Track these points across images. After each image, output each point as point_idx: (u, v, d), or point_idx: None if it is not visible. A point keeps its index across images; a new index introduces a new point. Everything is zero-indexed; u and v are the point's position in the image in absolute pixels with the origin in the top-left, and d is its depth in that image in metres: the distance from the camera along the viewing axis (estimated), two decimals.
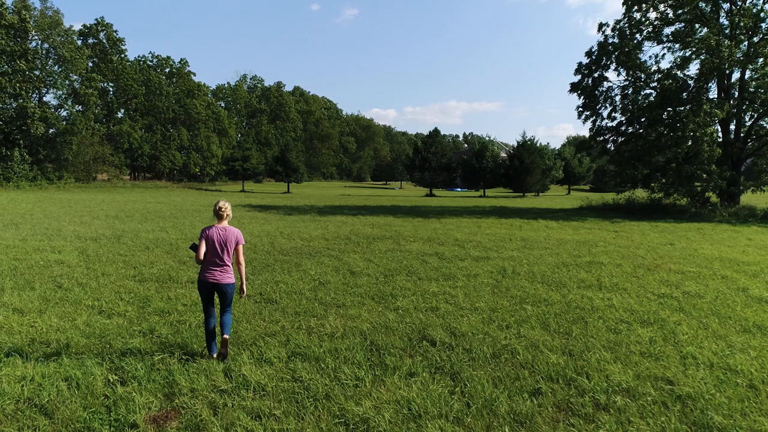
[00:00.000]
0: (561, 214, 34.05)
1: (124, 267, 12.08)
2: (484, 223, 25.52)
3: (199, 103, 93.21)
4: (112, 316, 7.96)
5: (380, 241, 17.98)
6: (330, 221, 24.86)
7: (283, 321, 7.91)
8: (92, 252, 14.05)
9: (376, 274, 11.97)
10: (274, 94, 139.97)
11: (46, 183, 61.15)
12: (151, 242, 16.21)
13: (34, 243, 15.32)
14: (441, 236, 19.73)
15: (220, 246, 6.20)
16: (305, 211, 31.48)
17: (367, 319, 8.13)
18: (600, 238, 20.20)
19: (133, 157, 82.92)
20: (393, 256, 14.60)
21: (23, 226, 19.46)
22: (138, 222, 22.20)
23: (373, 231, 21.07)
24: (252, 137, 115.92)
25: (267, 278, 11.19)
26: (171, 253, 14.31)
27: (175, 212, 27.76)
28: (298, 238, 18.35)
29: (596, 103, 35.96)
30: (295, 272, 11.98)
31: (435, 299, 9.55)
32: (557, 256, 15.47)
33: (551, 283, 11.29)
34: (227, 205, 6.39)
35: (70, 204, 33.04)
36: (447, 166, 76.29)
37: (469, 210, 37.55)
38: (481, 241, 18.50)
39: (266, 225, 22.45)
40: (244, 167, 76.34)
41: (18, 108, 60.65)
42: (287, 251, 15.23)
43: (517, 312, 8.74)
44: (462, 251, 15.86)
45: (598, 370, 6.15)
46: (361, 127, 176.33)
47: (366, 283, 10.84)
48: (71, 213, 25.95)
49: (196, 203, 38.49)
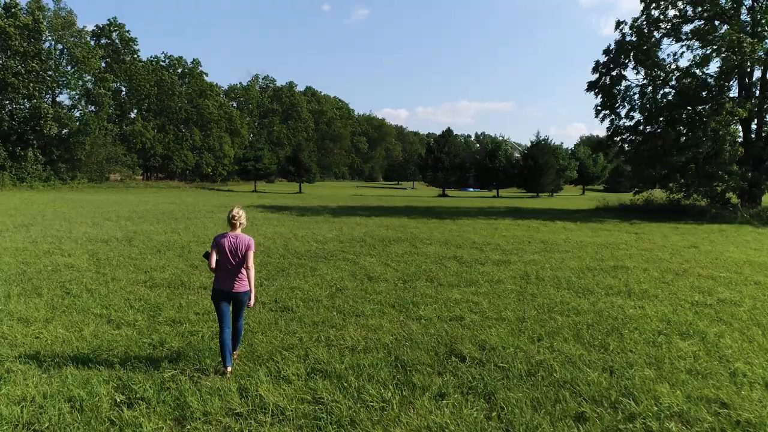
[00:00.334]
0: (578, 215, 33.42)
1: (135, 271, 11.72)
2: (501, 225, 25.00)
3: (211, 104, 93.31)
4: (121, 326, 7.56)
5: (396, 244, 17.53)
6: (344, 222, 24.45)
7: (300, 332, 7.48)
8: (103, 255, 13.72)
9: (395, 279, 11.52)
10: (286, 94, 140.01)
11: (60, 183, 61.31)
12: (163, 245, 15.87)
13: (44, 246, 15.02)
14: (458, 238, 19.26)
15: (232, 254, 5.99)
16: (318, 212, 31.10)
17: (389, 330, 7.68)
18: (621, 241, 19.65)
19: (145, 157, 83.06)
20: (411, 260, 14.14)
21: (34, 228, 19.21)
22: (150, 223, 21.91)
23: (388, 233, 20.63)
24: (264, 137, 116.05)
25: (282, 284, 10.77)
26: (183, 257, 13.94)
27: (187, 213, 27.48)
28: (313, 240, 17.94)
29: (614, 102, 35.27)
30: (310, 277, 11.56)
31: (459, 307, 9.08)
32: (580, 259, 14.95)
33: (578, 290, 10.79)
34: (241, 213, 6.15)
35: (82, 204, 32.89)
36: (460, 166, 75.74)
37: (483, 211, 37.02)
38: (499, 243, 18.00)
39: (279, 226, 22.08)
40: (256, 167, 76.25)
41: (31, 108, 60.88)
42: (302, 254, 14.82)
43: (546, 322, 8.25)
44: (481, 255, 15.37)
45: (645, 390, 5.66)
46: (373, 126, 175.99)
47: (385, 289, 10.38)
48: (83, 214, 25.74)
49: (208, 203, 38.26)
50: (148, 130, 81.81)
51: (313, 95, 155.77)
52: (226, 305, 6.10)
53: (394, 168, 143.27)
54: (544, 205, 50.08)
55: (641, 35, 34.19)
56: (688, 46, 33.77)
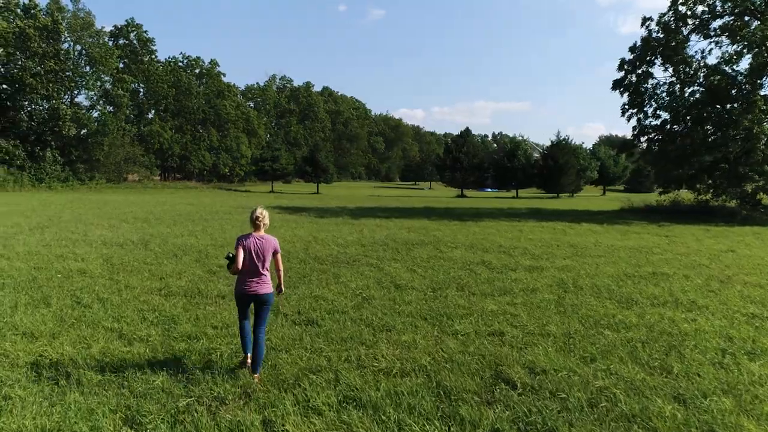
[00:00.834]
0: (602, 216, 32.47)
1: (150, 278, 11.14)
2: (525, 227, 24.22)
3: (228, 104, 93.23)
4: (133, 342, 6.94)
5: (420, 247, 16.85)
6: (364, 224, 23.81)
7: (328, 350, 6.81)
8: (117, 260, 13.18)
9: (424, 287, 10.83)
10: (303, 94, 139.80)
11: (78, 184, 61.38)
12: (180, 249, 15.32)
13: (58, 249, 14.53)
14: (483, 242, 18.53)
15: (258, 256, 5.88)
16: (337, 214, 30.48)
17: (425, 347, 6.99)
18: (653, 244, 18.82)
19: (163, 157, 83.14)
20: (437, 266, 13.45)
21: (49, 230, 18.78)
22: (167, 226, 21.42)
23: (411, 236, 19.95)
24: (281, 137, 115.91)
25: (304, 292, 10.13)
26: (200, 261, 13.37)
27: (204, 215, 26.99)
28: (333, 243, 17.30)
29: (641, 101, 34.24)
30: (334, 285, 10.91)
31: (496, 321, 8.37)
32: (615, 265, 14.16)
33: (621, 300, 10.03)
34: (265, 213, 6.03)
35: (100, 206, 32.59)
36: (479, 167, 74.75)
37: (505, 212, 36.19)
38: (527, 247, 17.24)
39: (298, 229, 21.49)
40: (273, 168, 75.95)
41: (50, 109, 61.01)
42: (323, 259, 14.18)
43: (596, 339, 7.51)
44: (510, 260, 14.64)
45: (729, 427, 4.91)
46: (390, 127, 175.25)
47: (415, 299, 9.69)
48: (100, 215, 25.35)
49: (225, 204, 37.82)
50: (165, 131, 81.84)
51: (329, 95, 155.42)
52: (247, 307, 6.06)
53: (411, 168, 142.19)
54: (565, 206, 49.08)
55: (668, 31, 33.17)
56: (717, 43, 32.71)
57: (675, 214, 33.30)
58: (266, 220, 6.00)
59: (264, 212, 6.00)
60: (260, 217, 5.94)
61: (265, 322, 6.06)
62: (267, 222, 6.02)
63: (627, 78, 34.98)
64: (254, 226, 5.98)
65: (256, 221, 5.94)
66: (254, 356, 5.89)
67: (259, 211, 5.97)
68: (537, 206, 46.33)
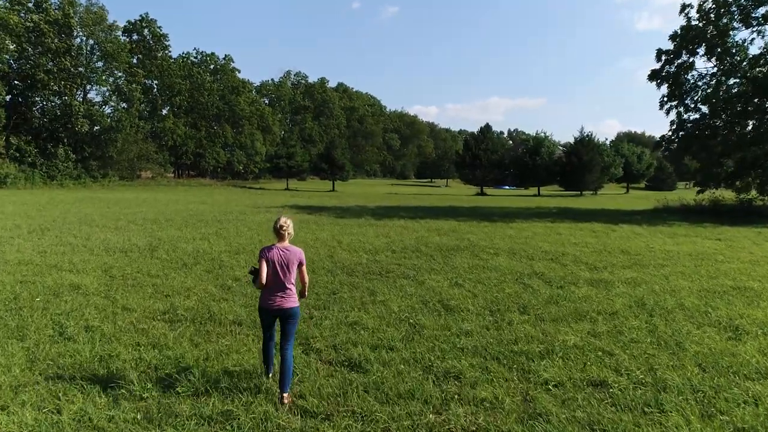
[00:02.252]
0: (639, 217, 30.44)
1: (153, 296, 9.42)
2: (563, 229, 22.34)
3: (243, 100, 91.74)
4: (120, 402, 5.16)
5: (457, 254, 15.05)
6: (389, 226, 22.02)
7: (381, 413, 5.01)
8: (118, 271, 11.47)
9: (479, 309, 9.02)
10: (318, 91, 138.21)
11: (90, 181, 60.12)
12: (190, 256, 13.61)
13: (54, 258, 12.86)
14: (524, 247, 16.69)
15: (282, 268, 5.43)
16: (358, 213, 28.71)
17: (512, 408, 5.17)
18: (711, 250, 16.94)
19: (177, 154, 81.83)
20: (484, 278, 11.61)
21: (50, 234, 17.16)
22: (177, 228, 19.75)
23: (442, 239, 18.15)
24: (296, 134, 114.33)
25: (338, 317, 8.34)
26: (212, 273, 11.64)
27: (218, 215, 25.32)
28: (361, 249, 15.52)
29: (681, 93, 32.07)
30: (371, 305, 9.12)
31: (588, 361, 6.53)
32: (687, 277, 12.31)
33: (725, 327, 8.18)
34: (289, 222, 5.64)
35: (109, 204, 31.07)
36: (499, 164, 72.61)
37: (533, 212, 34.24)
38: (576, 254, 15.38)
39: (320, 231, 19.74)
40: (288, 165, 74.36)
41: (62, 105, 59.77)
42: (352, 269, 12.40)
43: (734, 393, 5.65)
44: (564, 270, 12.78)
45: None
46: (405, 123, 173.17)
47: (475, 328, 7.85)
48: (107, 215, 23.75)
49: (240, 203, 36.21)
50: (179, 127, 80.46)
51: (344, 91, 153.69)
52: (272, 323, 5.63)
53: (427, 165, 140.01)
54: (593, 204, 46.97)
55: (708, 20, 31.01)
56: (760, 32, 30.50)
57: (715, 214, 31.20)
58: (290, 229, 5.61)
59: (288, 221, 5.60)
60: (284, 226, 5.53)
61: (292, 338, 5.58)
62: (291, 231, 5.62)
63: (665, 69, 32.85)
64: (278, 236, 5.54)
65: (280, 230, 5.51)
66: (282, 374, 5.31)
67: (283, 220, 5.57)
68: (564, 205, 44.30)
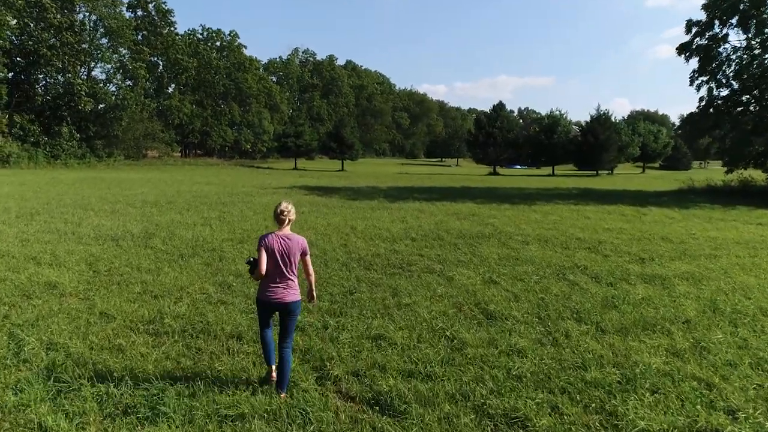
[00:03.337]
0: (665, 198, 28.83)
1: (140, 298, 8.03)
2: (590, 213, 20.86)
3: (250, 78, 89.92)
4: None
5: (483, 242, 13.60)
6: (404, 209, 20.57)
7: None
8: (104, 265, 10.08)
9: (525, 315, 7.58)
10: (326, 69, 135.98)
11: (96, 161, 58.72)
12: (189, 246, 12.21)
13: (35, 247, 11.49)
14: (555, 234, 15.24)
15: (283, 258, 5.00)
16: (370, 195, 27.23)
17: None
18: (758, 237, 15.71)
19: (183, 133, 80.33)
20: (522, 273, 10.16)
21: (38, 218, 15.81)
22: (178, 211, 18.36)
23: (464, 225, 16.69)
24: (304, 113, 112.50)
25: (358, 327, 6.92)
26: (211, 266, 10.24)
27: (223, 197, 23.90)
28: (377, 237, 14.09)
29: (713, 68, 30.15)
30: (396, 311, 7.69)
31: (686, 399, 5.09)
32: (748, 271, 10.91)
33: None
34: (291, 208, 5.16)
35: (111, 185, 29.73)
36: (513, 143, 70.62)
37: (553, 193, 32.66)
38: (615, 243, 13.93)
39: (331, 215, 18.30)
40: (296, 144, 72.66)
41: (65, 83, 58.27)
42: (370, 262, 10.96)
43: None
44: (607, 262, 11.31)
45: None
46: (415, 102, 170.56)
47: (528, 347, 6.34)
48: (106, 198, 22.38)
49: (247, 184, 34.79)
50: (185, 105, 78.83)
51: (353, 69, 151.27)
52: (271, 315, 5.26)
53: (436, 144, 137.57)
54: (612, 185, 45.24)
55: None
56: None
57: (746, 196, 29.59)
58: (292, 215, 5.17)
59: (290, 207, 5.16)
60: (285, 211, 5.10)
61: (291, 335, 5.24)
62: (293, 217, 5.18)
63: (695, 41, 30.91)
64: (278, 223, 5.12)
65: (281, 216, 5.09)
66: (280, 373, 5.07)
67: (284, 206, 5.14)
68: (583, 186, 42.62)
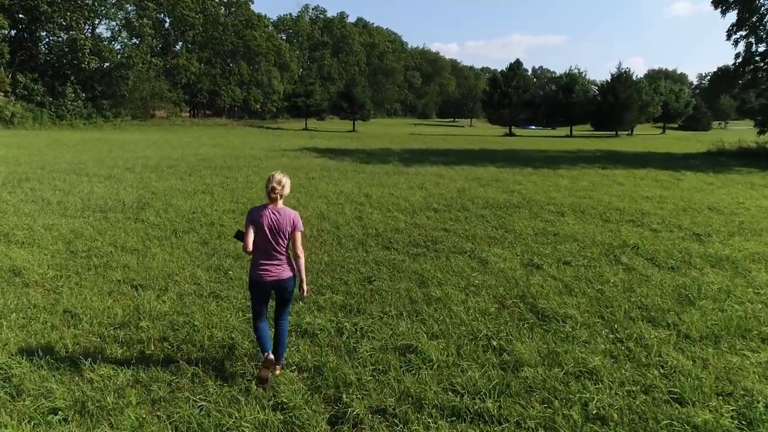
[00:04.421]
0: (695, 162, 27.17)
1: (116, 291, 6.74)
2: (621, 178, 19.43)
3: (259, 35, 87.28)
4: None
5: (513, 213, 12.24)
6: (421, 174, 19.15)
7: None
8: (84, 244, 8.80)
9: (584, 315, 6.25)
10: (337, 26, 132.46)
11: (102, 121, 57.20)
12: (184, 218, 10.92)
13: (12, 220, 10.23)
14: (590, 203, 13.86)
15: (273, 233, 4.51)
16: (384, 158, 25.75)
17: None
18: None
19: (191, 93, 78.43)
20: (566, 255, 8.79)
21: (26, 185, 14.54)
22: (179, 177, 17.02)
23: (488, 192, 15.29)
24: (315, 72, 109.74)
25: (380, 334, 5.60)
26: (207, 245, 8.95)
27: (229, 160, 22.50)
28: (395, 207, 12.72)
29: (755, 21, 28.01)
30: (426, 308, 6.36)
31: None
32: None
33: None
34: (285, 181, 4.52)
35: (113, 148, 28.38)
36: (529, 102, 68.28)
37: (575, 155, 31.06)
38: (660, 214, 12.53)
39: (343, 181, 16.92)
40: (307, 104, 70.66)
41: (69, 40, 56.43)
42: (389, 240, 9.62)
43: None
44: (662, 241, 9.89)
45: None
46: (427, 61, 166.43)
47: (599, 364, 5.03)
48: (105, 161, 21.06)
49: (255, 146, 33.34)
50: (192, 64, 76.71)
51: (364, 27, 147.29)
52: (266, 298, 4.72)
53: (449, 104, 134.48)
54: (635, 146, 43.28)
55: None
56: None
57: None
58: (286, 189, 4.54)
59: (284, 180, 4.51)
60: (278, 186, 4.46)
61: (288, 310, 4.81)
62: (287, 191, 4.56)
63: None
64: (270, 197, 4.50)
65: (272, 193, 4.46)
66: (275, 345, 4.65)
67: (278, 177, 4.49)
68: (605, 148, 40.81)
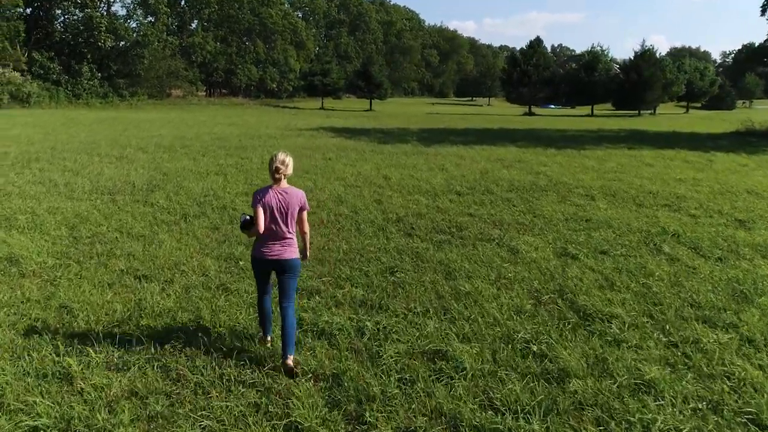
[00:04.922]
0: (724, 142, 26.13)
1: (118, 282, 6.24)
2: (649, 159, 18.66)
3: (275, 13, 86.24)
4: None
5: (541, 197, 11.60)
6: (442, 155, 18.47)
7: None
8: (88, 229, 8.31)
9: (633, 316, 5.62)
10: (353, 4, 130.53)
11: (118, 100, 56.89)
12: (195, 201, 10.41)
13: (15, 203, 9.78)
14: (621, 185, 13.18)
15: (282, 214, 4.41)
16: (402, 138, 25.04)
17: None
18: None
19: (207, 71, 77.86)
20: (602, 244, 8.13)
21: (35, 165, 14.13)
22: (192, 157, 16.52)
23: (512, 174, 14.63)
24: (331, 50, 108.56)
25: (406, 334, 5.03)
26: (219, 231, 8.43)
27: (244, 140, 21.95)
28: (416, 190, 12.12)
29: None
30: (454, 304, 5.77)
31: None
32: None
33: None
34: (289, 160, 4.44)
35: (128, 127, 27.98)
36: (549, 81, 66.80)
37: (599, 135, 30.12)
38: (697, 198, 11.83)
39: (361, 162, 16.31)
40: (323, 82, 69.77)
41: (84, 18, 56.04)
42: (411, 226, 9.03)
43: None
44: (704, 228, 9.21)
45: None
46: (445, 39, 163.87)
47: (657, 374, 4.41)
48: (118, 141, 20.62)
49: (271, 125, 32.77)
50: (208, 43, 76.03)
51: (381, 4, 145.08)
52: (266, 278, 4.66)
53: (467, 83, 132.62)
54: (659, 126, 41.98)
55: None
56: None
57: None
58: (290, 169, 4.45)
59: (287, 159, 4.41)
60: (281, 167, 4.36)
61: (293, 294, 4.64)
62: (290, 171, 4.46)
63: None
64: (274, 177, 4.40)
65: (276, 174, 4.37)
66: (284, 337, 4.40)
67: (281, 156, 4.40)
68: (628, 127, 39.63)
